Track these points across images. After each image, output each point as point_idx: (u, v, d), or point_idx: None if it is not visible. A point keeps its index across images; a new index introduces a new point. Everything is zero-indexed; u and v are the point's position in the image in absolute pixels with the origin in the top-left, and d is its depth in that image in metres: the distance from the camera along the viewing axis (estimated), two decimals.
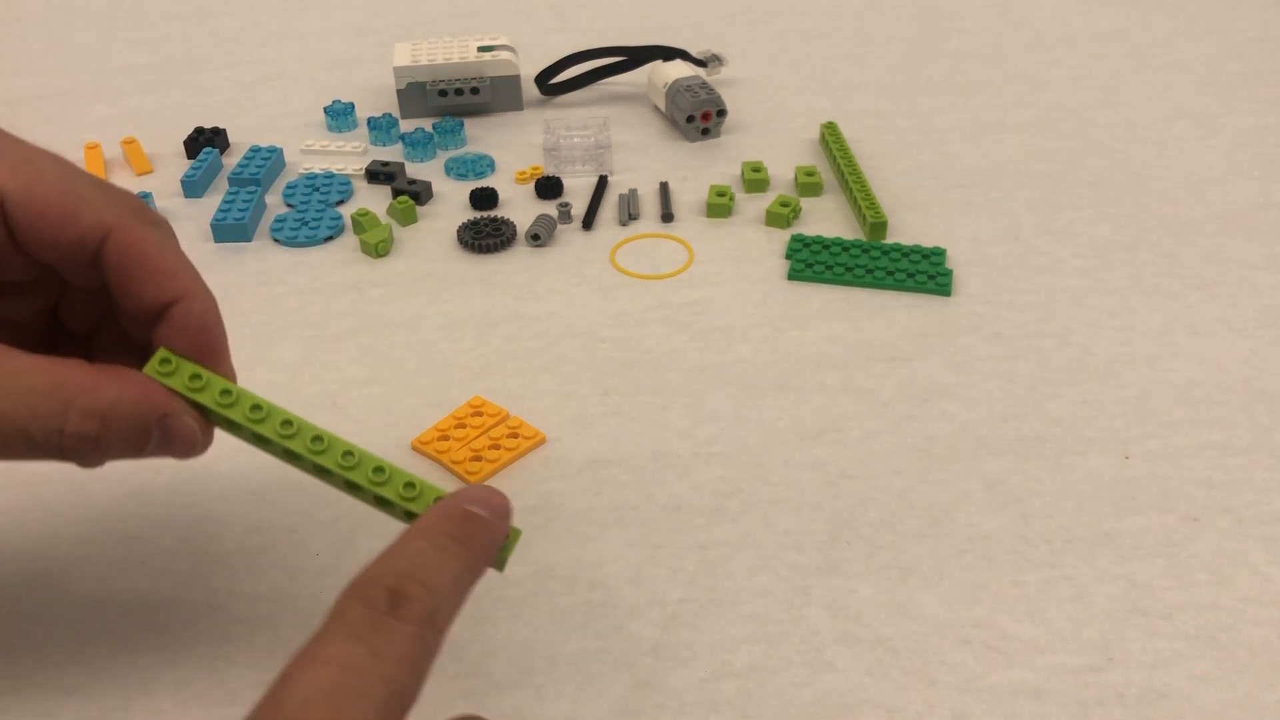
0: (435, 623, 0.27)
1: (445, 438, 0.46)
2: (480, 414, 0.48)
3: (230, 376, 0.34)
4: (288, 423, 0.33)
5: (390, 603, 0.26)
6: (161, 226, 0.33)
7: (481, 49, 0.73)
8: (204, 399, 0.32)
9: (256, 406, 0.33)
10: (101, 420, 0.30)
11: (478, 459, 0.45)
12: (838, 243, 0.58)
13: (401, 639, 0.26)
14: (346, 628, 0.26)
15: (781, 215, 0.60)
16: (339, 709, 0.24)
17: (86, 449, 0.31)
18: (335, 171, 0.67)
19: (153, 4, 0.94)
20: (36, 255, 0.32)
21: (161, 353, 0.32)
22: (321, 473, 0.33)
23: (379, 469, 0.33)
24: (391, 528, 0.43)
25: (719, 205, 0.62)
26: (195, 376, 0.32)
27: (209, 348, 0.33)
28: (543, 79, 0.75)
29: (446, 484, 0.45)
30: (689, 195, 0.64)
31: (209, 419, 0.33)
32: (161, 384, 0.32)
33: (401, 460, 0.46)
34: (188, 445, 0.32)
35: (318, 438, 0.33)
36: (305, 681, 0.25)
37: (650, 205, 0.63)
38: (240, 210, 0.61)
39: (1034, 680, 0.36)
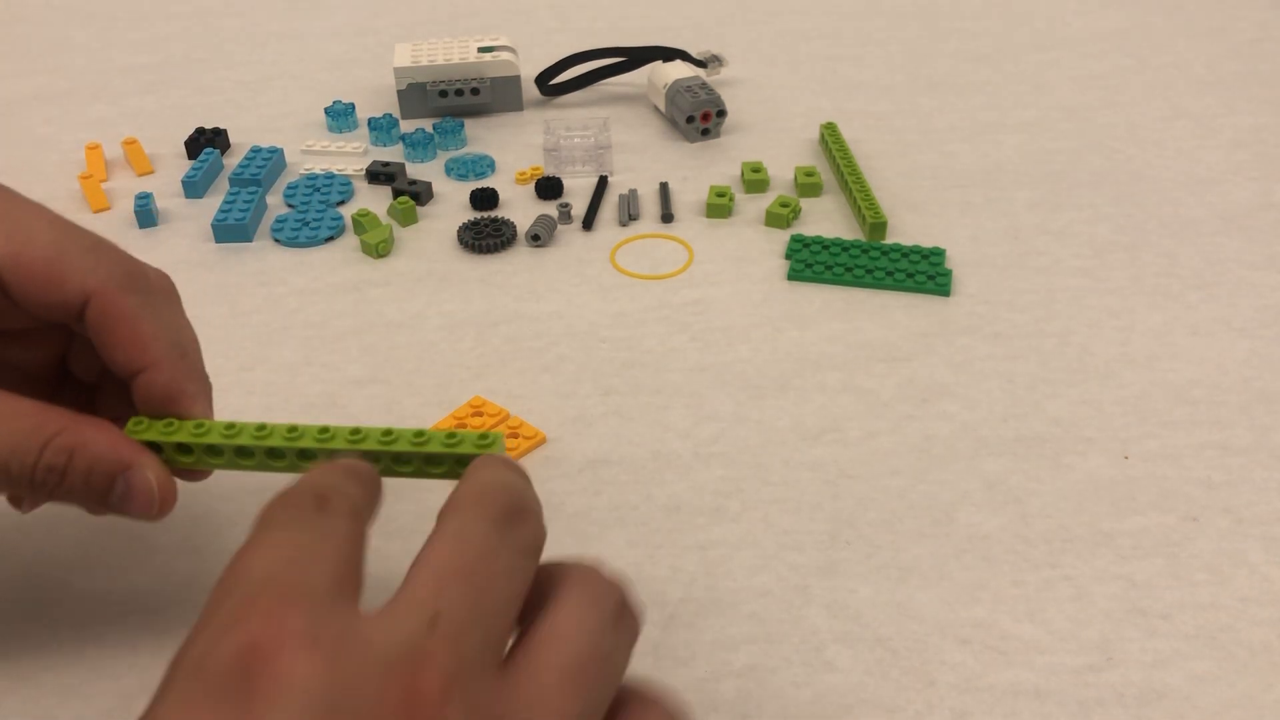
0: (360, 518, 0.27)
1: None
2: (480, 414, 0.48)
3: None
4: (261, 426, 0.34)
5: (316, 505, 0.26)
6: (147, 294, 0.34)
7: (482, 49, 0.73)
8: (179, 435, 0.34)
9: (229, 425, 0.34)
10: (69, 455, 0.32)
11: None
12: (837, 243, 0.58)
13: (337, 525, 0.26)
14: (282, 523, 0.26)
15: (781, 215, 0.60)
16: (302, 570, 0.24)
17: (53, 481, 0.32)
18: (336, 172, 0.67)
19: (153, 4, 0.94)
20: (29, 313, 0.34)
21: (135, 418, 0.35)
22: (303, 457, 0.34)
23: (356, 430, 0.34)
24: (389, 529, 0.43)
25: (719, 205, 0.62)
26: (168, 423, 0.35)
27: (172, 416, 0.35)
28: (543, 79, 0.75)
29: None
30: (689, 195, 0.64)
31: (192, 462, 0.35)
32: (134, 440, 0.34)
33: None
34: (146, 501, 0.33)
35: (291, 428, 0.34)
36: (260, 557, 0.25)
37: (650, 205, 0.63)
38: (241, 211, 0.61)
39: (1034, 680, 0.36)
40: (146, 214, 0.62)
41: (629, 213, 0.62)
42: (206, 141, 0.69)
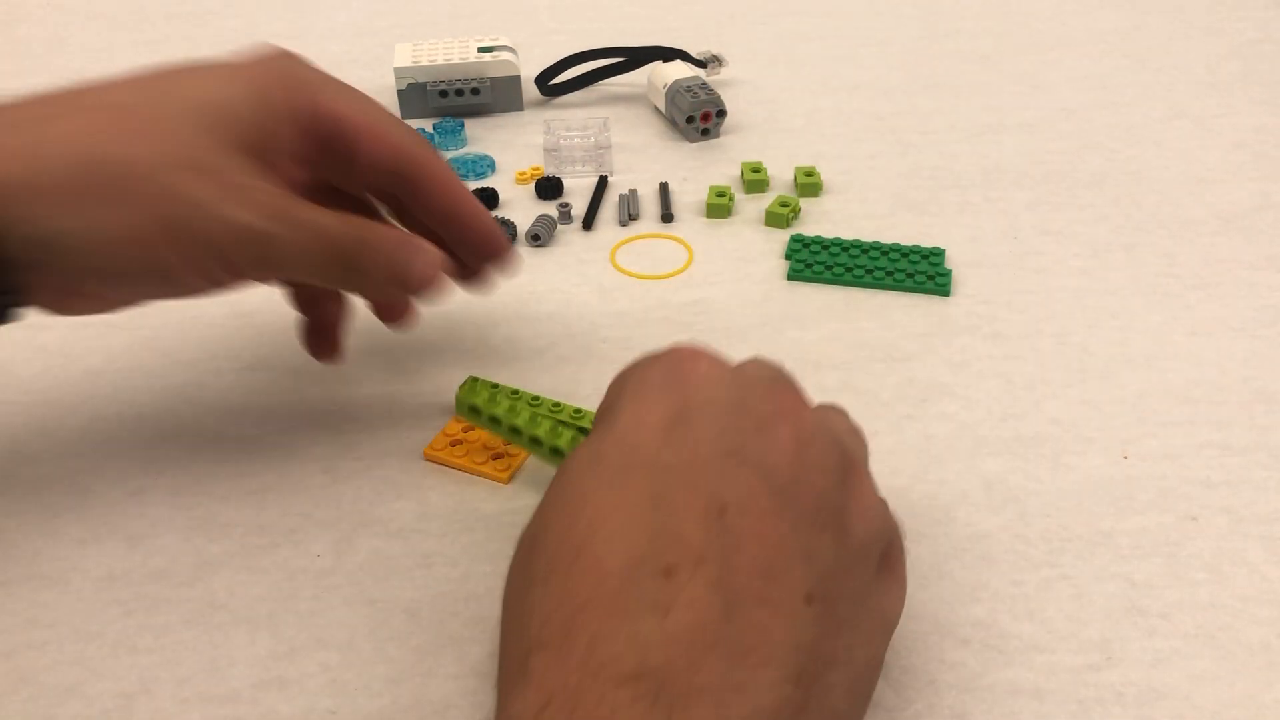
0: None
1: (457, 443, 0.46)
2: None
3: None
4: (556, 404, 0.46)
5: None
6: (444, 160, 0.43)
7: (482, 49, 0.73)
8: (497, 408, 0.44)
9: (534, 398, 0.46)
10: (380, 238, 0.39)
11: (499, 456, 0.45)
12: (837, 243, 0.58)
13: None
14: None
15: (781, 215, 0.61)
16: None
17: (368, 262, 0.39)
18: None
19: (153, 4, 0.94)
20: (361, 176, 0.42)
21: (470, 379, 0.46)
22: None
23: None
24: (390, 529, 0.43)
25: (719, 205, 0.62)
26: (494, 386, 0.46)
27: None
28: (543, 79, 0.75)
29: (471, 486, 0.45)
30: (689, 195, 0.64)
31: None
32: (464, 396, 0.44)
33: (414, 471, 0.46)
34: (429, 266, 0.39)
35: (577, 410, 0.46)
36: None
37: (650, 205, 0.63)
38: None
39: (1033, 679, 0.36)
40: None
41: (629, 213, 0.62)
42: None
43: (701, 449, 0.30)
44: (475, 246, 0.44)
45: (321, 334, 0.46)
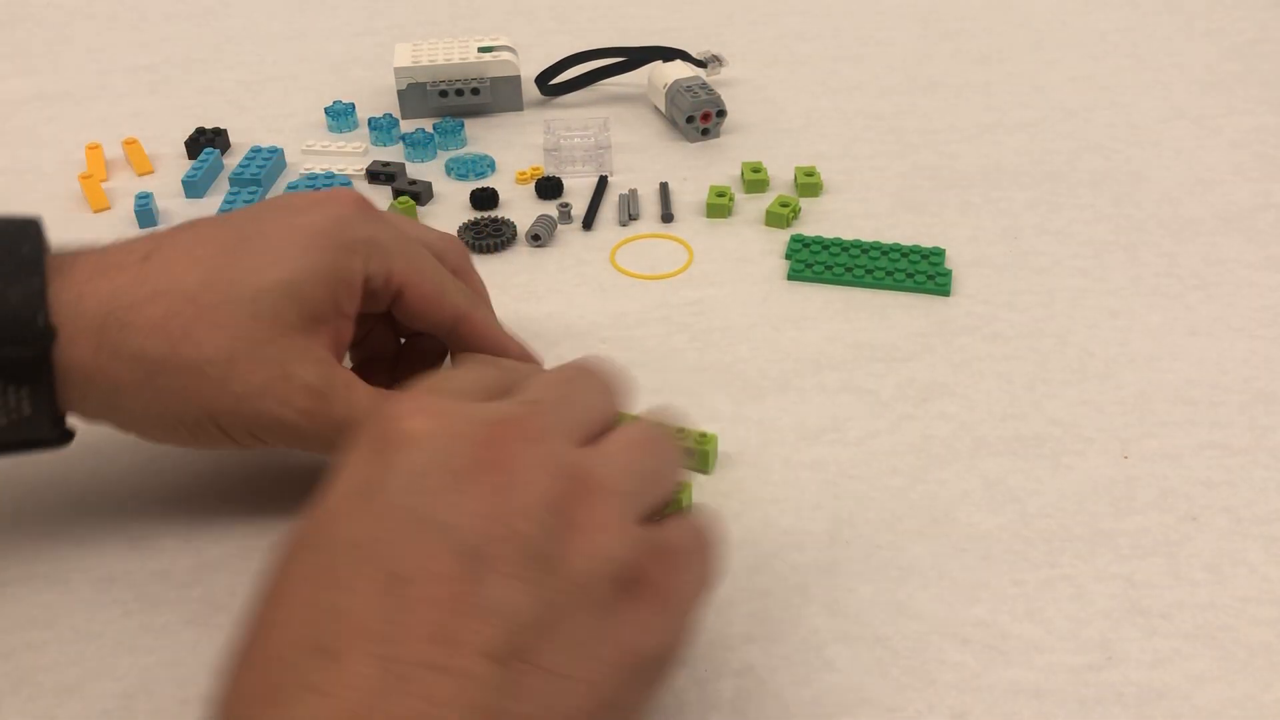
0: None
1: None
2: None
3: None
4: None
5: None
6: (487, 306, 0.46)
7: (482, 49, 0.73)
8: None
9: None
10: None
11: None
12: (837, 243, 0.58)
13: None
14: None
15: (781, 215, 0.61)
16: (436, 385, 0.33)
17: None
18: (336, 172, 0.67)
19: (153, 4, 0.94)
20: (409, 325, 0.44)
21: None
22: None
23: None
24: None
25: (719, 205, 0.62)
26: None
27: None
28: (543, 79, 0.75)
29: None
30: (689, 195, 0.64)
31: None
32: None
33: None
34: None
35: None
36: None
37: (650, 205, 0.63)
38: None
39: (1033, 679, 0.36)
40: (147, 214, 0.62)
41: (629, 213, 0.62)
42: (207, 141, 0.69)
43: (386, 520, 0.28)
44: None
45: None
